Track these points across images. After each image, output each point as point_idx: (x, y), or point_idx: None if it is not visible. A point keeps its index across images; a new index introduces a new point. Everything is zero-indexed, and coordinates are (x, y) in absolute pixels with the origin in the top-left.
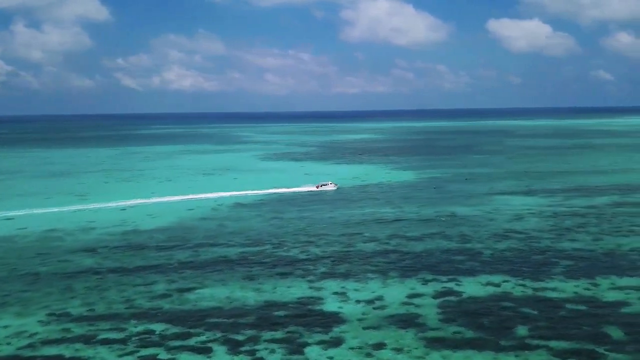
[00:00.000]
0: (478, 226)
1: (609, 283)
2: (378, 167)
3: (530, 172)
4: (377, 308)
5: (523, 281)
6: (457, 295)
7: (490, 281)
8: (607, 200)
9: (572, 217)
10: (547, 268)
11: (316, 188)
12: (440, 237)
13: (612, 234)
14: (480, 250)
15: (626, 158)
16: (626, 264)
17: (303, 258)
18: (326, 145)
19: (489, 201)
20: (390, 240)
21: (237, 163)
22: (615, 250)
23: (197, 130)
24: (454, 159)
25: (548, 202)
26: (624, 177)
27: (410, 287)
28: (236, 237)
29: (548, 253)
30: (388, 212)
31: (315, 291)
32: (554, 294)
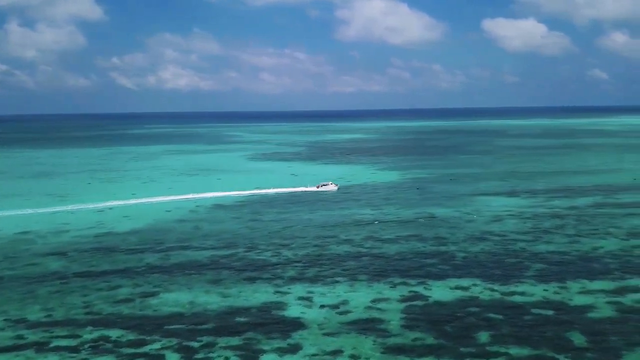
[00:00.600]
0: (455, 228)
1: (579, 287)
2: (364, 167)
3: (516, 173)
4: (340, 313)
5: (492, 285)
6: (424, 300)
7: (459, 285)
8: (589, 201)
9: (552, 219)
10: (519, 271)
11: (317, 188)
12: (416, 240)
13: (590, 236)
14: (454, 253)
15: (614, 158)
16: (599, 267)
17: (274, 262)
18: (316, 146)
19: (471, 202)
20: (364, 243)
21: (223, 163)
22: (590, 253)
23: (190, 129)
24: (442, 159)
25: (529, 203)
26: (609, 178)
27: (378, 291)
28: (210, 240)
29: (522, 256)
30: (367, 214)
31: (280, 296)
32: (521, 298)
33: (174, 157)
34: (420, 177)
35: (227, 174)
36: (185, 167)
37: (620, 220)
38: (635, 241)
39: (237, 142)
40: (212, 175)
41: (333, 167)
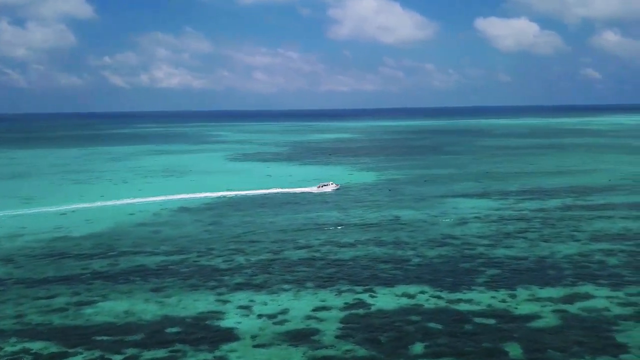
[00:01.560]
0: (417, 231)
1: (528, 294)
2: (342, 168)
3: (492, 173)
4: (277, 323)
5: (440, 292)
6: (366, 308)
7: (407, 292)
8: (558, 204)
9: (517, 222)
10: (471, 278)
11: (317, 188)
12: (374, 244)
13: (551, 240)
14: (409, 258)
15: (594, 158)
16: (553, 273)
17: (223, 268)
18: (301, 145)
19: (439, 204)
20: (321, 248)
21: (200, 164)
22: (547, 258)
23: (177, 129)
24: (422, 159)
25: (499, 205)
26: (584, 179)
27: (322, 299)
28: (164, 245)
29: (478, 261)
30: (332, 217)
31: (220, 304)
32: (466, 306)
33: (153, 158)
34: (395, 178)
35: (202, 175)
36: (161, 168)
37: (586, 224)
38: (596, 245)
39: (220, 142)
40: (186, 176)
41: (312, 168)
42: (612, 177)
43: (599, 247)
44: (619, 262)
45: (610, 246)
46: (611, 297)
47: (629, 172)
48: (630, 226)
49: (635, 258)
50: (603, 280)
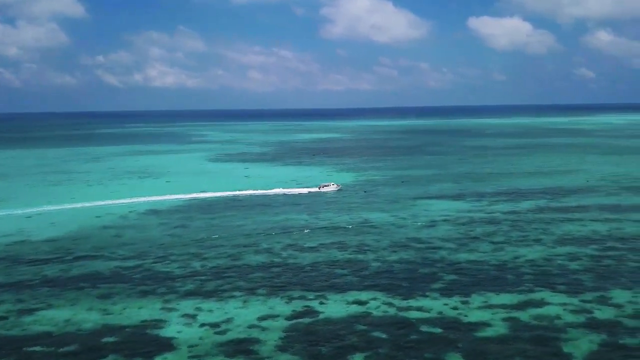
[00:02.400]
0: (384, 234)
1: (482, 301)
2: (323, 169)
3: (472, 174)
4: (218, 333)
5: (393, 299)
6: (313, 316)
7: (359, 299)
8: (531, 205)
9: (486, 225)
10: (427, 283)
11: (318, 189)
12: (337, 248)
13: (517, 243)
14: (369, 263)
15: (577, 159)
16: (512, 278)
17: (178, 273)
18: (287, 145)
19: (412, 206)
20: (282, 252)
21: (180, 165)
22: (509, 262)
23: (166, 128)
24: (405, 159)
25: (471, 207)
26: (563, 180)
27: (270, 306)
28: (123, 249)
29: (438, 265)
30: (299, 220)
31: (165, 313)
32: (416, 314)
33: (133, 159)
34: (374, 179)
35: (178, 177)
36: (139, 169)
37: (555, 226)
38: (561, 249)
39: (205, 142)
40: (162, 177)
41: (292, 169)
42: (591, 177)
43: (563, 251)
44: (581, 267)
45: (575, 250)
46: (565, 304)
47: (608, 172)
48: (599, 229)
49: (597, 263)
50: (561, 286)
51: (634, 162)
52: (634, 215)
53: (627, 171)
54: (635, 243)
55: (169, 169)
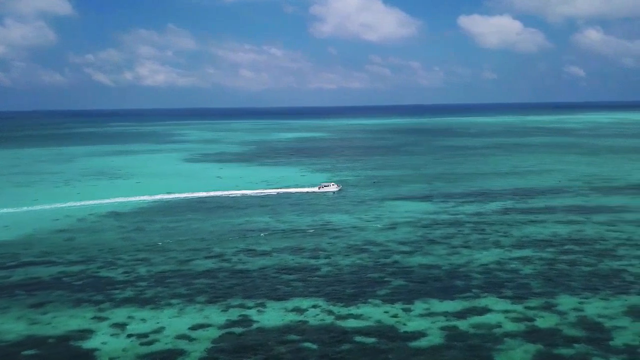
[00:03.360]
0: (342, 238)
1: (424, 308)
2: (297, 169)
3: (445, 175)
4: (144, 343)
5: (334, 306)
6: (246, 326)
7: (299, 306)
8: (498, 207)
9: (447, 227)
10: (373, 289)
11: (318, 189)
12: (290, 252)
13: (474, 246)
14: (319, 268)
15: (554, 158)
16: (460, 284)
17: (120, 279)
18: (267, 145)
19: (377, 207)
20: (233, 257)
21: (153, 165)
22: (462, 267)
23: (149, 127)
24: (380, 159)
25: (436, 208)
26: (535, 180)
27: (206, 315)
28: (72, 254)
29: (388, 270)
30: (260, 223)
31: (95, 322)
32: (354, 322)
33: (108, 159)
34: (346, 179)
35: (148, 177)
36: (111, 169)
37: (516, 229)
38: (517, 253)
39: (184, 142)
40: (132, 178)
41: (266, 169)
42: (564, 178)
43: (518, 255)
44: (532, 272)
45: (531, 253)
46: (508, 311)
47: (581, 172)
48: (560, 231)
49: (550, 267)
50: (508, 292)
51: (608, 162)
52: (596, 216)
53: (600, 171)
54: (591, 246)
55: (142, 169)
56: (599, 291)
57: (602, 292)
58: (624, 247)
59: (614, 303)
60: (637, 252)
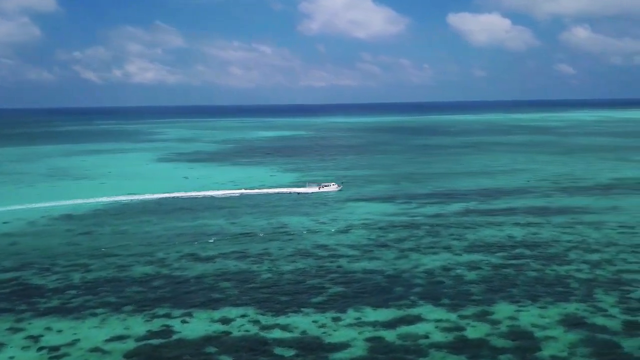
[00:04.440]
0: (292, 241)
1: (355, 317)
2: (268, 169)
3: (414, 175)
4: (54, 357)
5: (263, 316)
6: (166, 337)
7: (226, 316)
8: (459, 208)
9: (402, 229)
10: (308, 297)
11: (318, 189)
12: (235, 257)
13: (424, 250)
14: (259, 275)
15: (527, 157)
16: (400, 290)
17: (50, 287)
18: (244, 144)
19: (337, 209)
20: (174, 263)
21: (123, 165)
22: (406, 272)
23: (130, 126)
24: (353, 159)
25: (397, 209)
26: (504, 180)
27: (126, 326)
28: (9, 260)
29: (330, 276)
30: (213, 226)
31: (9, 334)
32: (278, 333)
33: (79, 158)
34: (315, 179)
35: (116, 178)
36: (79, 169)
37: (471, 231)
38: (465, 257)
39: (160, 140)
40: (99, 179)
41: (236, 169)
42: (533, 177)
43: (467, 260)
44: (477, 278)
45: (480, 258)
46: (441, 320)
47: (552, 172)
48: (515, 234)
49: (496, 272)
50: (446, 299)
51: (581, 161)
52: (556, 218)
53: (570, 171)
54: (543, 250)
55: (110, 169)
56: (538, 299)
57: (542, 299)
58: (576, 251)
59: (551, 312)
60: (587, 256)
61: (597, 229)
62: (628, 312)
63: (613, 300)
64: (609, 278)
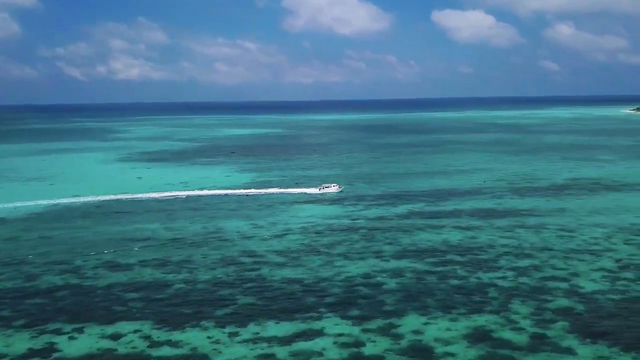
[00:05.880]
0: (220, 248)
1: (253, 333)
2: (226, 169)
3: (371, 175)
4: None
5: (157, 331)
6: (45, 357)
7: (118, 332)
8: (403, 210)
9: (339, 233)
10: (213, 309)
11: (318, 190)
12: (153, 266)
13: (353, 256)
14: (172, 284)
15: (491, 156)
16: (310, 302)
17: None
18: (215, 142)
19: (281, 212)
20: (88, 272)
21: (80, 165)
22: (324, 281)
23: (104, 124)
24: (316, 158)
25: (340, 212)
26: (460, 180)
27: (9, 343)
28: None
29: (244, 286)
30: (146, 230)
31: None
32: (167, 350)
33: (37, 158)
34: (273, 179)
35: (67, 179)
36: (33, 170)
37: (408, 236)
38: (392, 264)
39: (125, 139)
40: (49, 180)
41: (195, 169)
42: (491, 177)
43: (393, 266)
44: (395, 287)
45: (407, 264)
46: (342, 334)
47: (511, 172)
48: (451, 239)
49: (418, 280)
50: (356, 311)
51: (544, 160)
52: (499, 221)
53: (530, 170)
54: (474, 256)
55: (66, 169)
56: (451, 310)
57: (455, 311)
58: (507, 257)
59: (460, 325)
60: (517, 262)
61: (537, 232)
62: (538, 325)
63: (527, 311)
64: (531, 286)
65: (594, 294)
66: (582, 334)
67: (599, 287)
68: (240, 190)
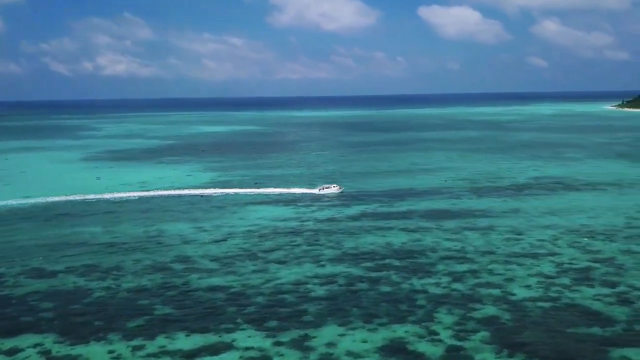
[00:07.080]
0: (154, 253)
1: (159, 346)
2: (190, 168)
3: (333, 174)
4: None
5: (60, 344)
6: None
7: (18, 346)
8: (355, 211)
9: (284, 236)
10: (125, 321)
11: (318, 191)
12: (78, 273)
13: (289, 262)
14: (91, 292)
15: (459, 155)
16: (230, 312)
17: None
18: (187, 140)
19: (231, 213)
20: (9, 280)
21: (37, 165)
22: (251, 289)
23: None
24: (284, 156)
25: (292, 213)
26: (423, 179)
27: None
28: None
29: (167, 295)
30: (85, 234)
31: None
32: None
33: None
34: (232, 179)
35: (21, 179)
36: None
37: (353, 238)
38: (327, 269)
39: (95, 137)
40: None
41: (158, 168)
42: (454, 177)
43: (327, 272)
44: (323, 295)
45: (342, 270)
46: (252, 348)
47: (476, 170)
48: (395, 241)
49: (348, 287)
50: (274, 322)
51: (512, 158)
52: (449, 223)
53: (495, 169)
54: (413, 260)
55: (25, 169)
56: (373, 320)
57: (377, 320)
58: (447, 261)
59: (377, 336)
60: (456, 267)
61: (484, 234)
62: (457, 336)
63: (451, 321)
64: (462, 293)
65: (523, 302)
66: (501, 345)
67: (532, 294)
68: (207, 190)
